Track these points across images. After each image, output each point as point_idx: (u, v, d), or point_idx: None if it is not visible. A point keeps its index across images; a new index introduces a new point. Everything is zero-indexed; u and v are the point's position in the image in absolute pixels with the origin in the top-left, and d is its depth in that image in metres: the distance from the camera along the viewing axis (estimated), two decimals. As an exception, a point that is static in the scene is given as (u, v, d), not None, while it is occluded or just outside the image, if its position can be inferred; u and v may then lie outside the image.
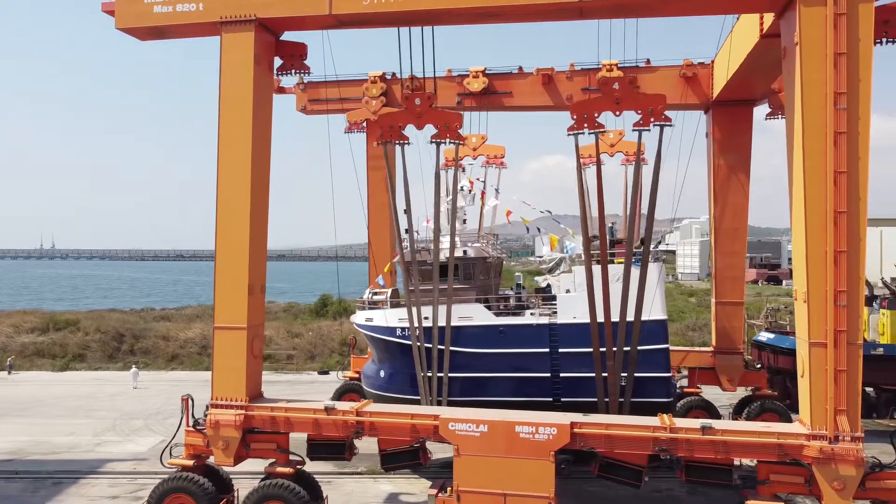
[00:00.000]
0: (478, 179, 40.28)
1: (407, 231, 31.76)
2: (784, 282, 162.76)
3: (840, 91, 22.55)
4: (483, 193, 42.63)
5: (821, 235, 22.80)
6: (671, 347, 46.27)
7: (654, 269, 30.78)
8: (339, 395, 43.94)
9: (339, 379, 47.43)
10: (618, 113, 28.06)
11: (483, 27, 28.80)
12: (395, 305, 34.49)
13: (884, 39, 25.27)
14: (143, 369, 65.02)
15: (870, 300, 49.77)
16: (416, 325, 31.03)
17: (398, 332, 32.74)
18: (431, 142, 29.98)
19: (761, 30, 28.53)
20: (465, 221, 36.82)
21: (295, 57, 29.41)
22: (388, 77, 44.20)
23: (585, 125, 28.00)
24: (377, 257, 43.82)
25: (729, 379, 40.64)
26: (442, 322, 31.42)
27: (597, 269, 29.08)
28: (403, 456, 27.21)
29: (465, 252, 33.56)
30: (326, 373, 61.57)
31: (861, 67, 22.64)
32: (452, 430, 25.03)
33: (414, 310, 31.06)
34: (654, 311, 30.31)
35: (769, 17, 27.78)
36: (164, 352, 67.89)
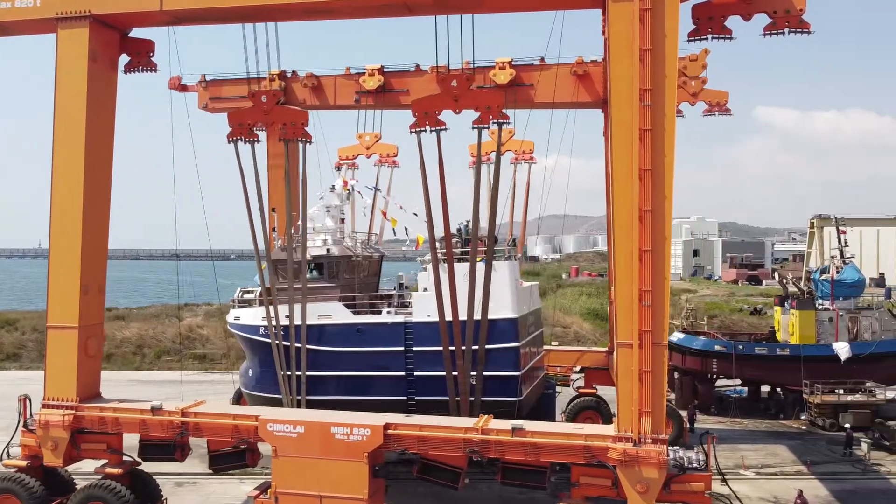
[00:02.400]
0: (355, 182, 39.88)
1: (273, 229, 31.50)
2: (764, 282, 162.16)
3: (645, 87, 22.21)
4: (376, 193, 42.41)
5: (627, 234, 22.47)
6: (568, 348, 46.13)
7: (504, 267, 30.46)
8: (238, 397, 43.63)
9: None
10: (457, 111, 27.71)
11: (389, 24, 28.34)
12: (261, 304, 34.16)
13: (709, 36, 24.98)
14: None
15: (783, 300, 49.53)
16: (273, 323, 30.84)
17: (261, 330, 32.42)
18: (279, 140, 29.76)
19: (602, 26, 28.17)
20: (342, 220, 36.50)
21: (142, 54, 29.22)
22: (289, 75, 44.06)
23: (427, 122, 27.74)
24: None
25: (622, 379, 40.11)
26: (300, 321, 31.22)
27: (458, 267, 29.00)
28: (230, 457, 26.94)
29: (328, 251, 33.23)
30: (253, 373, 61.23)
31: (667, 63, 22.30)
32: (270, 431, 24.75)
33: (272, 308, 30.86)
34: (503, 309, 29.91)
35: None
36: (98, 351, 67.59)
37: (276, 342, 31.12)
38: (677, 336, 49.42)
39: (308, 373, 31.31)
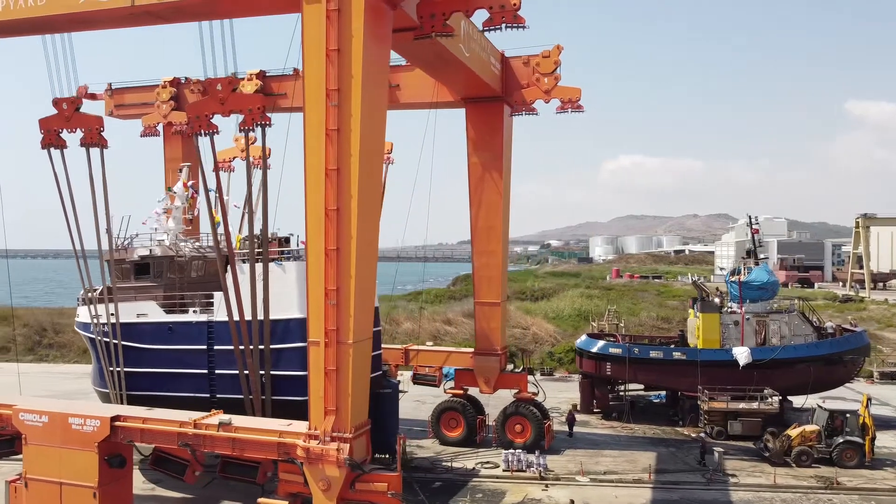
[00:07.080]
0: (192, 183, 40.68)
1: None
2: (816, 284, 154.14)
3: (332, 88, 22.33)
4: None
5: (318, 232, 22.65)
6: (437, 348, 45.87)
7: (292, 268, 30.88)
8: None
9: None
10: (225, 114, 28.40)
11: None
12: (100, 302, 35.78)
13: (433, 33, 24.77)
14: (51, 362, 69.58)
15: (695, 302, 47.76)
16: (96, 321, 32.51)
17: (91, 328, 34.04)
18: (81, 145, 31.25)
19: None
20: (191, 221, 37.81)
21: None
22: (183, 81, 45.80)
23: (200, 126, 28.59)
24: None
25: (486, 381, 39.74)
26: (125, 319, 32.80)
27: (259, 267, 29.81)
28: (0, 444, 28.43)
29: (150, 251, 34.51)
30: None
31: (353, 64, 22.35)
32: (22, 420, 26.15)
33: (94, 307, 32.52)
34: (292, 309, 30.33)
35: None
36: (78, 346, 71.67)
37: (99, 339, 32.79)
38: (581, 339, 48.33)
39: (128, 369, 32.81)
